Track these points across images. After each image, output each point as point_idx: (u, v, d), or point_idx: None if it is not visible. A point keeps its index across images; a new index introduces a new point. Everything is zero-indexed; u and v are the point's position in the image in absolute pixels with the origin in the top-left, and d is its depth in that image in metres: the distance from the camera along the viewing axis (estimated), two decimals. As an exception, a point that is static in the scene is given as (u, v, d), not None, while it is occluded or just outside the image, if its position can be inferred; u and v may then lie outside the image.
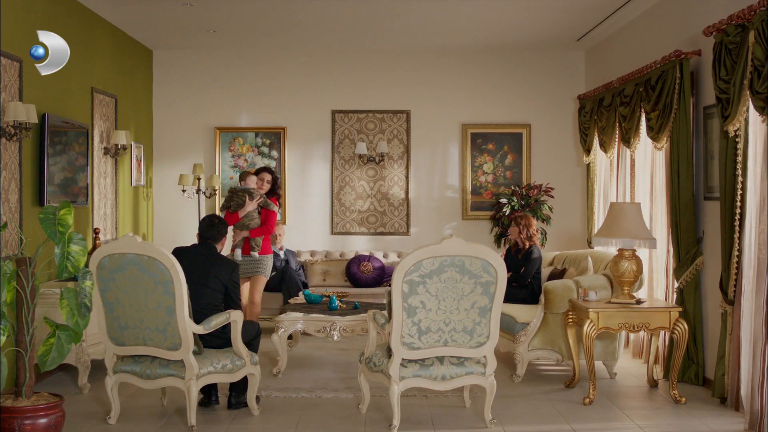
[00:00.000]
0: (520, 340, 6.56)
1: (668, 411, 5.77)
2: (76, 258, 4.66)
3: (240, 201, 7.16)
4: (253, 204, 7.15)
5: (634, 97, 7.20)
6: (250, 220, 7.15)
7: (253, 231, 7.16)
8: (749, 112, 5.35)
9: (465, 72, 10.00)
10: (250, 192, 7.16)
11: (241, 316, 5.45)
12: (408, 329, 5.04)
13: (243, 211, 7.13)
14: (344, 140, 10.03)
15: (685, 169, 6.37)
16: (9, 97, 5.97)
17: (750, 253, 5.45)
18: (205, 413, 5.64)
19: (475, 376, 5.24)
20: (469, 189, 9.99)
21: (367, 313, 6.06)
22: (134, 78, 9.33)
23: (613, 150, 8.06)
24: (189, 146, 9.99)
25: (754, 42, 5.02)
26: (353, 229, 10.04)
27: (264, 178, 7.31)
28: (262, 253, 7.24)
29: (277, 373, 6.66)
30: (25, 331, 4.61)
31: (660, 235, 6.94)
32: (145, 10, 8.08)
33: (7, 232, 5.88)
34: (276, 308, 8.28)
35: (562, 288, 6.53)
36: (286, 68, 9.98)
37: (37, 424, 4.51)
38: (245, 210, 7.13)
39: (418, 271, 4.97)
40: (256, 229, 7.19)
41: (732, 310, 5.61)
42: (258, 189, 7.24)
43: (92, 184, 7.81)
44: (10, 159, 6.03)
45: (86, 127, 7.61)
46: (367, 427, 5.33)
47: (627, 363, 7.22)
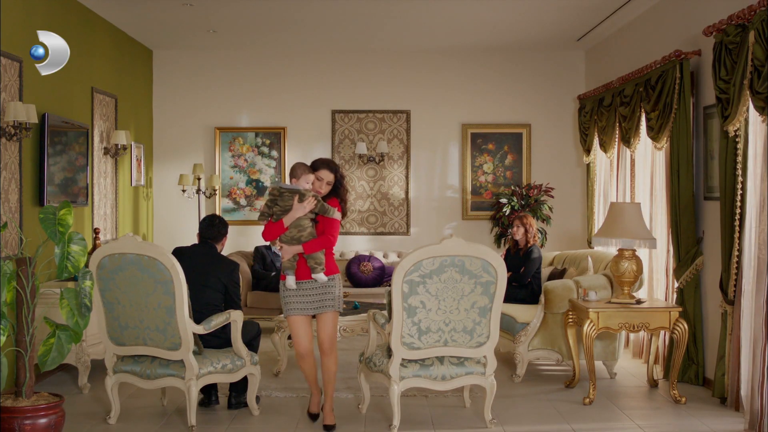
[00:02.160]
0: (520, 340, 6.56)
1: (668, 411, 5.77)
2: (76, 258, 4.66)
3: (286, 205, 5.08)
4: (303, 208, 5.04)
5: (634, 97, 7.20)
6: (302, 231, 5.07)
7: (308, 244, 5.05)
8: (749, 112, 5.35)
9: (465, 72, 10.00)
10: (300, 193, 5.09)
11: (242, 316, 5.45)
12: (408, 329, 5.04)
13: (289, 218, 5.05)
14: (344, 140, 10.03)
15: (685, 169, 6.36)
16: (9, 97, 5.97)
17: (750, 253, 5.45)
18: (205, 413, 5.64)
19: (475, 376, 5.24)
20: (469, 189, 9.99)
21: (367, 313, 6.07)
22: (134, 78, 9.33)
23: (613, 150, 8.06)
24: (189, 146, 9.99)
25: (754, 42, 5.02)
26: (353, 229, 10.04)
27: (324, 178, 5.14)
28: (328, 274, 5.15)
29: (277, 373, 6.66)
30: (25, 331, 4.61)
31: (660, 235, 6.93)
32: (145, 10, 8.08)
33: (7, 232, 5.88)
34: (276, 308, 8.27)
35: (562, 288, 6.53)
36: (286, 68, 9.98)
37: (37, 424, 4.51)
38: (293, 217, 5.05)
39: (418, 271, 4.97)
40: (311, 241, 5.06)
41: (732, 310, 5.61)
42: (313, 191, 5.12)
43: (92, 184, 7.81)
44: (10, 159, 6.03)
45: (86, 127, 7.61)
46: (367, 427, 5.33)
47: (627, 363, 7.22)
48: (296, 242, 5.06)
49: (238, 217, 9.92)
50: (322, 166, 5.16)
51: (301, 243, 5.05)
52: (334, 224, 5.10)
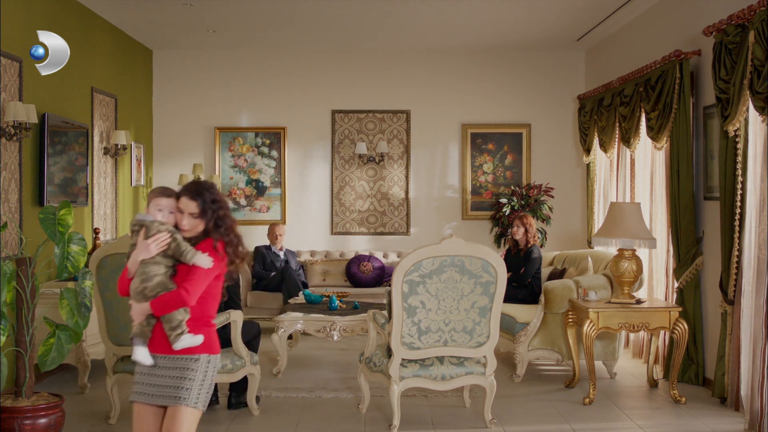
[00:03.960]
0: (520, 340, 6.56)
1: (668, 411, 5.77)
2: (76, 258, 4.66)
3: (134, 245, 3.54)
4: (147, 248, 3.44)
5: (634, 97, 7.20)
6: (146, 281, 3.44)
7: (156, 300, 3.42)
8: (749, 112, 5.35)
9: (465, 72, 10.00)
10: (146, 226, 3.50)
11: (241, 316, 5.45)
12: (408, 329, 5.04)
13: (132, 261, 3.49)
14: (344, 140, 10.02)
15: (685, 169, 6.36)
16: (9, 97, 5.97)
17: (750, 253, 5.45)
18: (205, 413, 5.63)
19: (475, 376, 5.24)
20: (469, 189, 9.99)
21: (367, 313, 6.06)
22: (134, 78, 9.33)
23: (613, 150, 8.06)
24: (189, 146, 9.99)
25: (754, 42, 5.02)
26: (353, 229, 10.04)
27: (184, 209, 3.50)
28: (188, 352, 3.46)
29: (277, 373, 6.66)
30: (25, 331, 4.61)
31: (660, 235, 6.93)
32: (145, 10, 8.08)
33: (7, 232, 5.88)
34: (276, 308, 8.28)
35: (562, 288, 6.53)
36: (286, 68, 9.98)
37: (37, 424, 4.51)
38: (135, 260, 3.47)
39: (418, 271, 4.97)
40: (162, 296, 3.42)
41: (732, 310, 5.61)
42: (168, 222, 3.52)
43: (92, 184, 7.81)
44: (10, 159, 6.03)
45: (86, 127, 7.61)
46: (367, 427, 5.33)
47: (627, 363, 7.22)
48: (142, 297, 3.45)
49: (238, 217, 9.91)
50: (183, 193, 3.51)
51: (148, 298, 3.44)
52: (194, 274, 3.41)
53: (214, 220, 3.48)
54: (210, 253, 3.45)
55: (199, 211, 3.47)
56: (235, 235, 3.54)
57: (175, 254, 3.45)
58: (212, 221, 3.48)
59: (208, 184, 3.56)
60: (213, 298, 3.54)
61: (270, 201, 10.00)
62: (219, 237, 3.48)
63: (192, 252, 3.43)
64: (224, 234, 3.50)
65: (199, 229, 3.50)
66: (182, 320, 3.43)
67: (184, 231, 3.49)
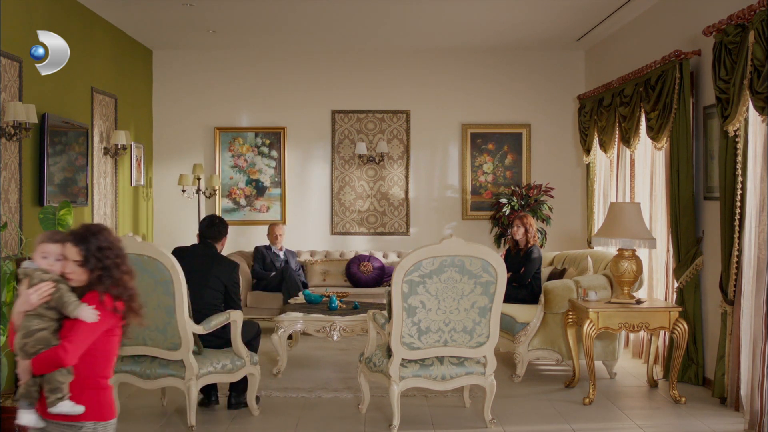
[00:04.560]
0: (520, 340, 6.56)
1: (668, 411, 5.77)
2: (76, 258, 4.65)
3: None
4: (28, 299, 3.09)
5: (633, 97, 7.20)
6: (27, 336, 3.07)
7: (36, 359, 3.05)
8: (749, 112, 5.35)
9: (465, 72, 10.00)
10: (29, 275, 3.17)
11: (241, 316, 5.45)
12: (408, 329, 5.04)
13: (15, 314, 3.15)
14: (344, 140, 10.03)
15: (685, 169, 6.37)
16: (9, 97, 5.96)
17: (750, 253, 5.45)
18: (205, 413, 5.64)
19: (475, 376, 5.25)
20: (469, 189, 9.99)
21: (367, 313, 6.07)
22: (134, 78, 9.33)
23: (613, 150, 8.06)
24: (189, 146, 9.99)
25: (754, 42, 5.02)
26: (353, 229, 10.04)
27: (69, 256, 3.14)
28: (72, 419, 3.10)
29: (277, 373, 6.66)
30: (25, 331, 4.60)
31: (660, 235, 6.93)
32: (145, 10, 8.08)
33: (7, 232, 5.88)
34: (276, 308, 8.28)
35: (562, 288, 6.53)
36: (286, 68, 9.98)
37: (36, 424, 4.50)
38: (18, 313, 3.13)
39: (417, 271, 4.97)
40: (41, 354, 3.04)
41: (732, 310, 5.61)
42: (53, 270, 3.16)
43: (92, 184, 7.81)
44: (10, 159, 6.03)
45: (86, 127, 7.61)
46: (367, 427, 5.33)
47: (627, 363, 7.22)
48: (24, 354, 3.08)
49: (238, 217, 9.93)
50: (68, 238, 3.15)
51: (29, 356, 3.06)
52: (77, 329, 3.04)
53: (99, 271, 3.09)
54: (96, 306, 3.07)
55: (82, 258, 3.09)
56: (125, 288, 3.15)
57: (57, 306, 3.09)
58: (97, 271, 3.09)
59: (98, 229, 3.15)
60: (104, 357, 3.14)
61: (270, 201, 10.00)
62: (104, 290, 3.09)
63: (75, 304, 3.07)
64: (111, 287, 3.10)
65: (84, 279, 3.12)
66: (63, 383, 3.06)
67: (70, 280, 3.13)
